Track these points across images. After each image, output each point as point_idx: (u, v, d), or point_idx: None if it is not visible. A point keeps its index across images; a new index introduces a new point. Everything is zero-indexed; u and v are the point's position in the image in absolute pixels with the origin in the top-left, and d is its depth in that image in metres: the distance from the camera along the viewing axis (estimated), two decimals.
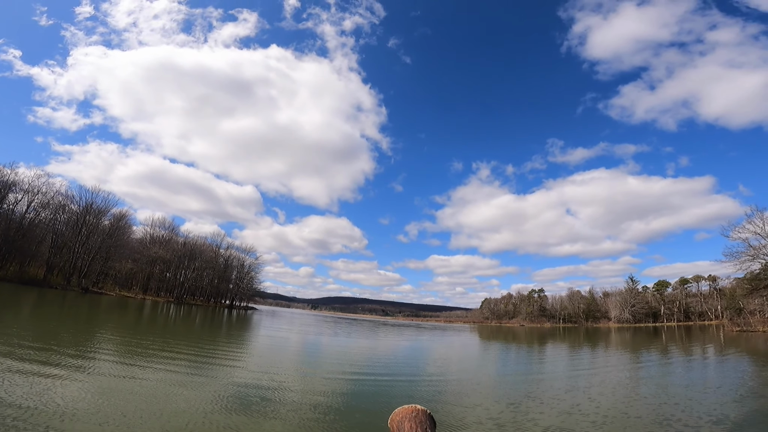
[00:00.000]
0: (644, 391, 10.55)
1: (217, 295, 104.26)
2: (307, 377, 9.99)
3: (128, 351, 12.00)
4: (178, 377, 8.71)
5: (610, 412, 7.79)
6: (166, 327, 24.43)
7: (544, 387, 10.74)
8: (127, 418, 5.41)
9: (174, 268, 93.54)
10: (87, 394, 6.57)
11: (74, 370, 8.03)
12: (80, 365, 8.62)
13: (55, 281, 64.15)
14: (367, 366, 13.44)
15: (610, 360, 20.39)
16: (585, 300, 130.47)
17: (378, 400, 8.00)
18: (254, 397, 7.37)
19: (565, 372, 14.74)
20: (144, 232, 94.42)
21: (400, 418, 1.34)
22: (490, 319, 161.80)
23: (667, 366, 17.75)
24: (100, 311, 31.26)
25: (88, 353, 10.51)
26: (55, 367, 8.02)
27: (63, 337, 13.08)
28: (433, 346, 26.56)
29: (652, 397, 9.59)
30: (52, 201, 69.91)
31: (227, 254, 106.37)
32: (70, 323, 18.85)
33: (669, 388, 11.13)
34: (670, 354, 24.02)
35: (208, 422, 5.75)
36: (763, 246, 46.46)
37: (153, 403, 6.49)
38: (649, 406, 8.35)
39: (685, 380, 12.87)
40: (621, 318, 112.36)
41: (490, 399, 8.58)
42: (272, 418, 6.18)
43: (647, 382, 12.25)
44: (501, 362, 18.06)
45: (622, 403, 8.60)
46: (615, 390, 10.49)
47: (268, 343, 19.45)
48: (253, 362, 12.23)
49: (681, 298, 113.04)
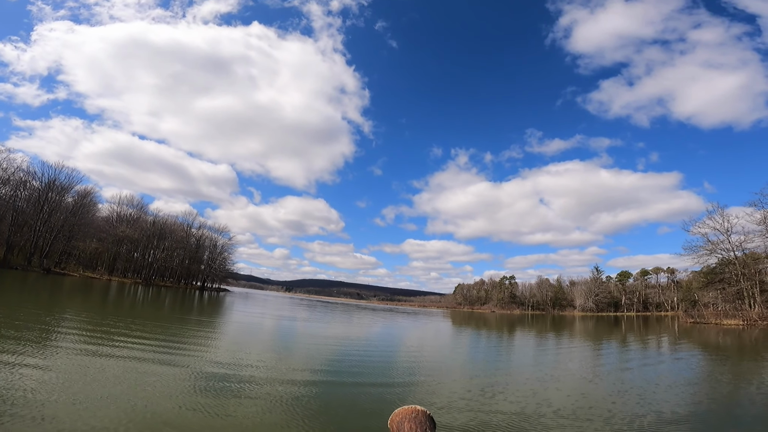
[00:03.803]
0: (602, 378, 11.21)
1: (188, 276, 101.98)
2: (278, 363, 9.98)
3: (93, 336, 11.58)
4: (144, 363, 8.54)
5: (571, 397, 8.22)
6: (133, 310, 23.69)
7: (512, 373, 11.15)
8: (94, 403, 5.27)
9: (142, 248, 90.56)
10: (52, 381, 6.38)
11: (37, 357, 7.74)
12: (43, 351, 8.29)
13: (15, 261, 60.97)
14: (343, 351, 13.50)
15: (574, 349, 21.43)
16: (553, 288, 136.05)
17: (354, 384, 8.04)
18: (224, 382, 7.31)
19: (532, 360, 15.43)
20: (110, 210, 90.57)
21: (399, 418, 1.36)
22: (462, 304, 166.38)
23: (625, 356, 18.93)
24: (62, 293, 29.92)
25: (51, 339, 10.07)
26: (17, 354, 7.64)
27: (23, 321, 12.44)
28: (407, 332, 27.07)
29: (608, 383, 10.20)
30: (13, 177, 65.79)
31: (199, 234, 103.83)
32: (31, 306, 17.97)
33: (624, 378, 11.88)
34: (629, 344, 25.48)
35: (176, 406, 5.69)
36: (721, 241, 49.55)
37: (120, 388, 6.37)
38: (605, 392, 8.87)
39: (640, 370, 13.77)
40: (585, 307, 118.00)
41: (461, 384, 8.82)
42: (242, 400, 6.12)
43: (606, 371, 13.05)
44: (471, 350, 18.63)
45: (581, 388, 9.09)
46: (576, 376, 11.07)
47: (240, 328, 19.22)
48: (224, 348, 12.07)
49: (641, 289, 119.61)
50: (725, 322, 44.59)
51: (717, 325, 44.50)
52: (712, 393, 10.12)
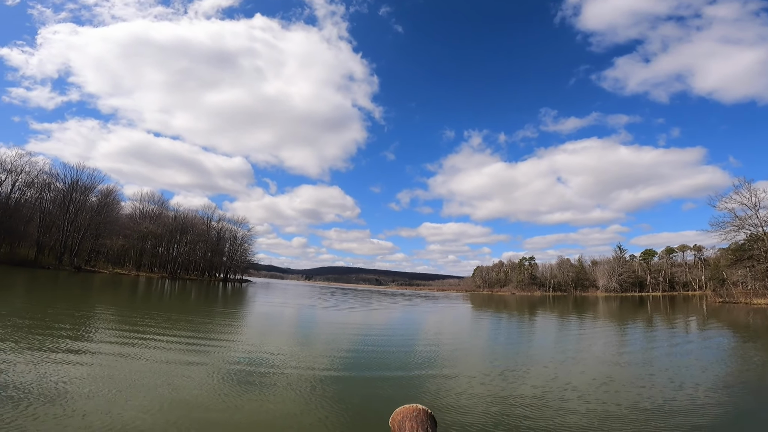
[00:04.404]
0: (629, 361, 10.98)
1: (211, 268, 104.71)
2: (299, 352, 10.12)
3: (125, 330, 12.05)
4: (173, 355, 8.83)
5: (597, 381, 8.04)
6: (161, 303, 24.49)
7: (534, 357, 11.02)
8: (127, 396, 5.39)
9: (166, 242, 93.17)
10: (86, 375, 6.62)
11: (72, 352, 8.07)
12: (77, 346, 8.65)
13: (46, 261, 63.71)
14: (362, 337, 13.59)
15: (597, 331, 21.10)
16: (574, 268, 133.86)
17: (372, 371, 8.08)
18: (252, 372, 7.45)
19: (554, 343, 15.22)
20: (133, 208, 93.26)
21: (401, 417, 1.35)
22: (482, 287, 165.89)
23: (652, 338, 18.57)
24: (93, 290, 31.17)
25: (85, 333, 10.53)
26: (53, 350, 8.00)
27: (58, 317, 13.02)
28: (427, 316, 27.12)
29: (635, 366, 9.98)
30: (37, 180, 68.36)
31: (219, 227, 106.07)
32: (64, 303, 18.77)
33: (653, 360, 11.63)
34: (655, 325, 24.93)
35: (207, 398, 5.81)
36: (749, 217, 47.42)
37: (152, 380, 6.56)
38: (632, 375, 8.66)
39: (668, 352, 13.47)
40: (608, 287, 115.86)
41: (481, 368, 8.74)
42: (270, 391, 6.23)
43: (633, 354, 12.78)
44: (493, 332, 18.51)
45: (607, 372, 8.90)
46: (601, 359, 10.85)
47: (263, 318, 19.61)
48: (250, 337, 12.33)
49: (666, 268, 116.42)
50: (755, 302, 42.95)
51: (747, 304, 42.99)
52: (744, 375, 9.75)
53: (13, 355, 7.80)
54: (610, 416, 6.12)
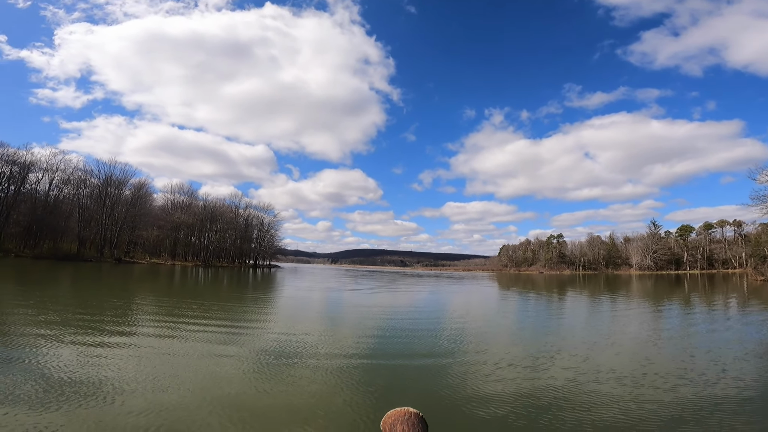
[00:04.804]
0: (667, 342, 10.59)
1: (241, 255, 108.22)
2: (327, 336, 10.31)
3: (163, 317, 12.74)
4: (210, 340, 9.14)
5: (633, 362, 7.76)
6: (196, 291, 25.55)
7: (565, 338, 10.74)
8: (166, 382, 5.64)
9: (197, 231, 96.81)
10: (130, 361, 6.98)
11: (116, 339, 8.51)
12: (121, 333, 9.13)
13: (88, 254, 67.62)
14: (388, 320, 13.68)
15: (631, 311, 20.48)
16: (605, 246, 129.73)
17: (398, 354, 8.11)
18: (282, 357, 7.62)
19: (585, 323, 14.85)
20: (165, 199, 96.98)
21: (392, 420, 1.37)
22: (508, 266, 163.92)
23: (690, 318, 18.06)
24: (133, 280, 32.88)
25: (127, 322, 11.21)
26: (99, 337, 8.53)
27: (102, 307, 13.87)
28: (452, 297, 27.03)
29: (674, 347, 9.62)
30: (72, 176, 71.96)
31: (246, 214, 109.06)
32: (107, 294, 19.92)
33: (692, 341, 11.18)
34: (693, 305, 23.96)
35: (239, 382, 5.99)
36: None
37: (189, 366, 6.83)
38: (670, 357, 8.32)
39: (708, 333, 13.04)
40: (642, 265, 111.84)
41: (510, 350, 8.60)
42: (298, 375, 6.40)
43: (671, 335, 12.32)
44: (521, 312, 18.22)
45: (645, 353, 8.59)
46: (637, 340, 10.50)
47: (292, 303, 20.12)
48: (281, 322, 12.74)
49: (705, 245, 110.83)
50: None
51: None
52: None
53: (60, 343, 8.31)
54: (648, 401, 5.88)
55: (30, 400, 5.01)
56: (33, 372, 6.23)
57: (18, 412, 4.63)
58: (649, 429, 4.85)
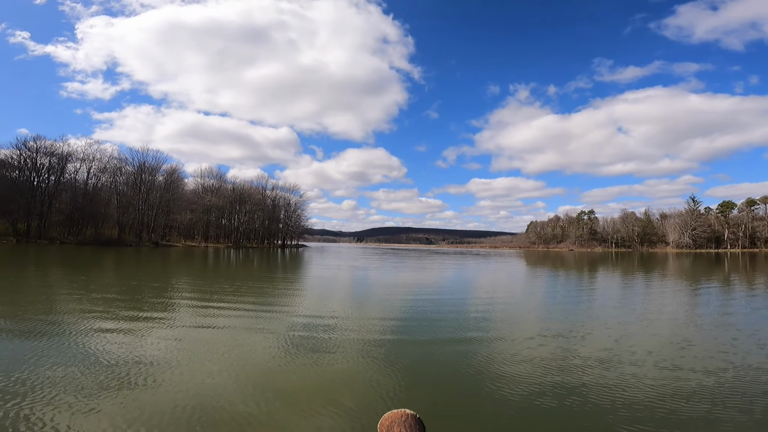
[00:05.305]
0: (707, 324, 10.15)
1: (270, 236, 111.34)
2: (355, 314, 10.50)
3: (199, 299, 13.34)
4: (241, 320, 9.57)
5: (674, 345, 7.45)
6: (229, 272, 26.57)
7: (597, 317, 10.41)
8: (199, 363, 5.88)
9: (227, 214, 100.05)
10: (166, 342, 7.34)
11: (153, 320, 8.98)
12: (158, 314, 9.66)
13: (128, 239, 71.48)
14: (413, 299, 13.69)
15: (666, 291, 19.74)
16: (640, 222, 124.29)
17: (423, 333, 8.07)
18: (309, 337, 7.81)
19: (619, 303, 14.34)
20: (195, 183, 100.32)
21: (389, 422, 1.38)
22: (536, 243, 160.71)
23: (732, 299, 17.64)
24: (170, 263, 34.55)
25: (164, 303, 11.81)
26: (137, 319, 9.01)
27: (142, 290, 14.80)
28: (478, 274, 26.80)
29: (714, 330, 9.21)
30: (108, 165, 75.47)
31: (273, 195, 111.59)
32: (147, 277, 21.02)
33: (734, 323, 10.73)
34: (733, 285, 22.81)
35: (269, 361, 6.22)
36: None
37: (224, 346, 7.13)
38: (710, 340, 7.93)
39: (751, 315, 12.54)
40: (680, 242, 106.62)
41: (539, 329, 8.41)
42: (325, 354, 6.56)
43: (711, 317, 11.84)
44: (550, 290, 17.82)
45: (682, 334, 8.22)
46: (675, 321, 10.05)
47: (320, 282, 20.55)
48: (310, 302, 13.08)
49: (747, 222, 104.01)
50: None
51: None
52: None
53: (101, 324, 8.83)
54: (688, 384, 5.61)
55: (68, 381, 5.31)
56: (73, 352, 6.63)
57: (58, 393, 4.90)
58: (690, 414, 4.63)
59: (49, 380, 5.21)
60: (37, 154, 65.03)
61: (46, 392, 4.83)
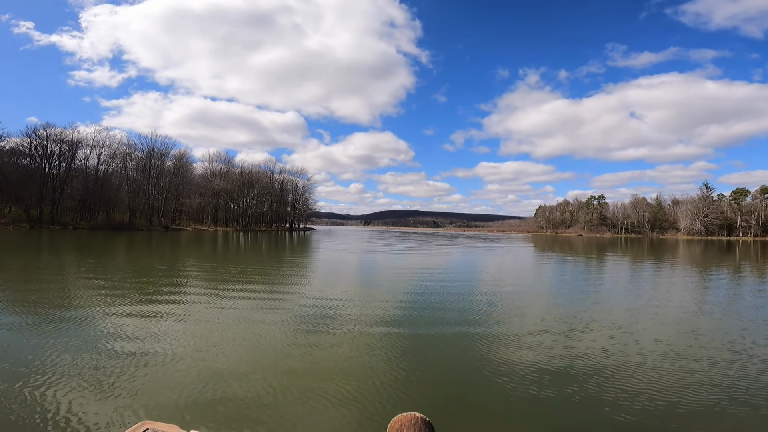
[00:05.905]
0: (715, 314, 10.16)
1: (278, 219, 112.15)
2: (365, 298, 10.72)
3: (207, 282, 13.64)
4: (252, 303, 9.84)
5: (681, 334, 7.48)
6: (238, 255, 26.97)
7: (605, 305, 10.38)
8: (211, 345, 6.01)
9: (236, 197, 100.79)
10: (178, 325, 7.57)
11: (164, 303, 9.26)
12: (169, 297, 9.92)
13: (139, 223, 72.70)
14: (421, 284, 13.76)
15: (675, 279, 19.62)
16: (651, 208, 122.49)
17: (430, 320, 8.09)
18: (318, 320, 7.96)
19: (628, 289, 14.35)
20: (204, 168, 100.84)
21: (399, 425, 1.37)
22: (545, 228, 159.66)
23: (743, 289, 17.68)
24: (180, 246, 35.10)
25: (174, 286, 12.08)
26: (148, 303, 9.24)
27: (152, 273, 15.19)
28: (485, 258, 26.80)
29: (724, 321, 9.22)
30: (118, 151, 76.14)
31: (281, 179, 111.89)
32: (157, 260, 21.46)
33: (745, 313, 10.74)
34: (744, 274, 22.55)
35: (279, 346, 6.37)
36: None
37: (231, 329, 7.35)
38: (719, 330, 7.96)
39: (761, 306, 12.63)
40: (691, 229, 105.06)
41: (545, 315, 8.43)
42: (333, 338, 6.64)
43: (721, 305, 11.82)
44: (558, 276, 17.74)
45: (690, 324, 8.23)
46: (683, 309, 10.06)
47: (327, 265, 20.79)
48: (318, 285, 13.29)
49: (761, 209, 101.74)
50: None
51: None
52: None
53: (114, 308, 9.06)
54: (695, 375, 5.62)
55: (83, 364, 5.47)
56: (87, 334, 6.84)
57: (72, 375, 5.06)
58: (695, 406, 4.66)
59: (64, 362, 5.38)
60: (47, 142, 65.76)
61: (59, 376, 4.97)
